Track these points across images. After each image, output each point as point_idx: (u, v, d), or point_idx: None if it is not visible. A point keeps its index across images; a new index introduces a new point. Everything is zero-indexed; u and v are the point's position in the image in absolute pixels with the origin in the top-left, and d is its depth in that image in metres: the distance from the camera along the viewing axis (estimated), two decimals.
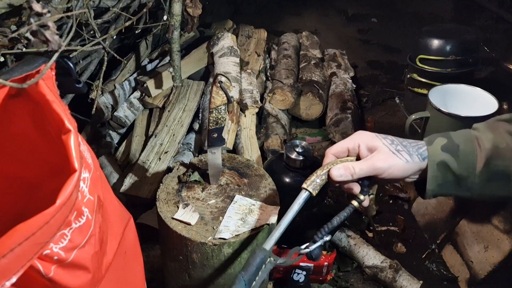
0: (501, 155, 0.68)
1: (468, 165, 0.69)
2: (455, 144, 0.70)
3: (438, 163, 0.70)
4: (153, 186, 1.44)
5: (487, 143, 0.69)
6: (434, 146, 0.71)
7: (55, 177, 0.62)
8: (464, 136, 0.72)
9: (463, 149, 0.70)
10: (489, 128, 0.72)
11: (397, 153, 0.71)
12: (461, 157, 0.69)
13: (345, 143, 0.76)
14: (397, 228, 1.55)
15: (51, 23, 0.53)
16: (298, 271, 1.18)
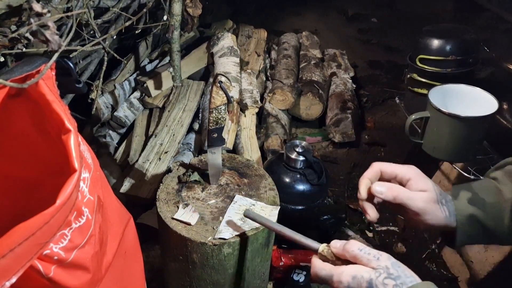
0: None
1: (495, 216, 0.71)
2: (480, 197, 0.72)
3: (467, 216, 0.71)
4: (153, 186, 1.44)
5: (509, 193, 0.70)
6: (460, 200, 0.73)
7: (55, 177, 0.61)
8: (487, 188, 0.73)
9: (489, 202, 0.71)
10: (507, 176, 0.73)
11: (441, 205, 0.72)
12: (488, 209, 0.71)
13: (398, 168, 0.74)
14: (397, 228, 1.55)
15: (51, 23, 0.53)
16: (298, 271, 1.18)
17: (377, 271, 0.59)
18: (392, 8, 3.49)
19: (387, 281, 0.58)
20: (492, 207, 0.71)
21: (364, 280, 0.59)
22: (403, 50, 2.76)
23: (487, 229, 0.71)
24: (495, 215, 0.71)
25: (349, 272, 0.61)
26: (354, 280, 0.60)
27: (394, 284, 0.58)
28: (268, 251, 0.99)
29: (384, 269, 0.59)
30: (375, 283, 0.58)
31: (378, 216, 0.75)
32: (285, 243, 1.28)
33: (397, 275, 0.59)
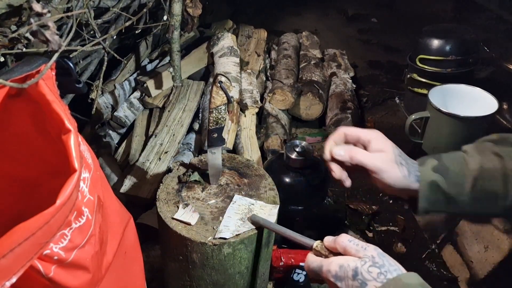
0: (487, 176, 0.73)
1: (457, 185, 0.74)
2: (445, 166, 0.76)
3: (429, 182, 0.75)
4: (153, 186, 1.44)
5: (474, 164, 0.74)
6: (425, 166, 0.77)
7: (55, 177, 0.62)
8: (454, 158, 0.77)
9: (452, 170, 0.75)
10: (477, 149, 0.77)
11: (399, 164, 0.76)
12: (450, 177, 0.74)
13: (360, 132, 0.79)
14: (397, 228, 1.55)
15: (51, 23, 0.53)
16: (298, 271, 1.18)
17: (362, 260, 0.62)
18: (392, 8, 3.49)
19: (372, 269, 0.61)
20: (455, 175, 0.74)
21: (350, 268, 0.62)
22: (403, 50, 2.76)
23: (449, 196, 0.75)
24: (456, 183, 0.74)
25: (337, 262, 0.64)
26: (341, 268, 0.63)
27: (379, 272, 0.60)
28: (268, 251, 0.99)
29: (370, 258, 0.62)
30: (360, 271, 0.61)
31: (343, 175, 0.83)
32: (285, 243, 1.28)
33: (382, 263, 0.62)
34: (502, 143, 0.78)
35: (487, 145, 0.78)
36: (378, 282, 0.60)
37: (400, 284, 0.58)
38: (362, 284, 0.60)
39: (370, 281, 0.60)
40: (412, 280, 0.60)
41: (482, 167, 0.74)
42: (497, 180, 0.73)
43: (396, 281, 0.59)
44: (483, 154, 0.75)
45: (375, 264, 0.61)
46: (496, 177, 0.73)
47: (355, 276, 0.61)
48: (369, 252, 0.63)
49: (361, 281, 0.61)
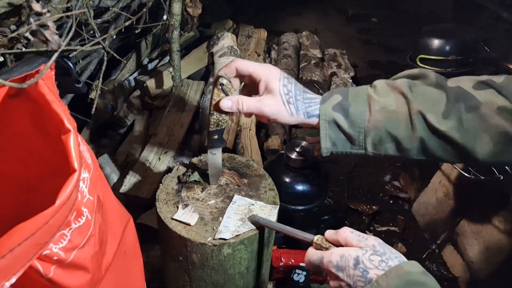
0: (390, 118, 0.71)
1: (358, 125, 0.72)
2: (347, 103, 0.73)
3: (329, 122, 0.73)
4: (152, 186, 1.44)
5: (377, 104, 0.71)
6: (326, 104, 0.74)
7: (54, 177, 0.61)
8: (359, 95, 0.74)
9: (354, 109, 0.72)
10: (387, 88, 0.73)
11: (287, 104, 0.75)
12: (351, 116, 0.72)
13: (251, 68, 0.78)
14: (397, 228, 1.55)
15: (51, 23, 0.53)
16: (299, 271, 1.18)
17: (363, 249, 0.62)
18: (392, 8, 3.49)
19: (373, 257, 0.61)
20: (355, 115, 0.72)
21: (352, 257, 0.62)
22: (403, 50, 2.76)
23: (349, 136, 0.73)
24: (357, 123, 0.72)
25: (338, 252, 0.64)
26: (342, 258, 0.63)
27: (380, 260, 0.60)
28: (268, 252, 0.98)
29: (371, 247, 0.62)
30: (362, 260, 0.61)
31: None
32: (286, 243, 1.27)
33: (383, 251, 0.61)
34: (419, 78, 0.74)
35: (399, 82, 0.73)
36: (380, 269, 0.59)
37: (401, 272, 0.58)
38: (363, 272, 0.60)
39: (372, 269, 0.60)
40: (413, 268, 0.59)
41: (385, 108, 0.71)
42: (400, 123, 0.71)
43: (397, 268, 0.59)
44: (391, 94, 0.72)
45: (376, 253, 0.61)
46: (399, 120, 0.71)
47: (357, 265, 0.61)
48: (370, 242, 0.63)
49: (363, 269, 0.60)
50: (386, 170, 1.85)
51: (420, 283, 0.58)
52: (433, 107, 0.70)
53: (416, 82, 0.74)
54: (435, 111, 0.69)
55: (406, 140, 0.72)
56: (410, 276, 0.58)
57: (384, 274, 0.58)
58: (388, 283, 0.57)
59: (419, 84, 0.73)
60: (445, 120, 0.69)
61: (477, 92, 0.69)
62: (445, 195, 1.45)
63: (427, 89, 0.72)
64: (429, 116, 0.69)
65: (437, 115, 0.69)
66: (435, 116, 0.69)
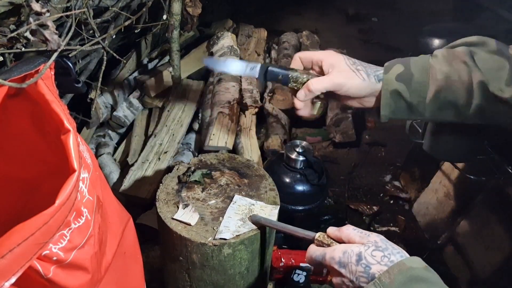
0: (451, 87, 0.72)
1: (420, 94, 0.73)
2: (410, 73, 0.74)
3: (391, 92, 0.74)
4: (152, 186, 1.44)
5: (440, 74, 0.72)
6: (390, 74, 0.76)
7: (54, 177, 0.61)
8: (421, 65, 0.75)
9: (416, 79, 0.73)
10: (448, 57, 0.74)
11: (356, 71, 0.77)
12: (413, 86, 0.73)
13: (312, 55, 0.81)
14: (398, 228, 1.55)
15: (50, 23, 0.53)
16: (299, 272, 1.18)
17: (366, 245, 0.62)
18: (392, 8, 3.49)
19: (375, 253, 0.61)
20: (418, 84, 0.73)
21: (354, 253, 0.62)
22: (403, 50, 2.76)
23: (410, 104, 0.75)
24: (418, 93, 0.74)
25: (340, 249, 0.64)
26: (345, 254, 0.63)
27: (382, 255, 0.60)
28: (268, 252, 0.98)
29: (373, 243, 0.62)
30: (364, 255, 0.61)
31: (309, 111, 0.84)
32: (286, 243, 1.27)
33: (385, 247, 0.62)
34: (479, 45, 0.75)
35: (460, 51, 0.75)
36: (382, 265, 0.59)
37: (404, 268, 0.58)
38: (366, 268, 0.60)
39: (374, 265, 0.60)
40: (416, 263, 0.59)
41: (447, 77, 0.72)
42: (461, 92, 0.72)
43: (400, 265, 0.59)
44: (452, 63, 0.73)
45: (378, 248, 0.61)
46: (460, 88, 0.72)
47: (359, 261, 0.61)
48: (372, 238, 0.63)
49: (365, 265, 0.60)
50: (386, 170, 1.85)
51: (423, 279, 0.58)
52: (496, 75, 0.70)
53: (476, 49, 0.74)
54: (498, 79, 0.70)
55: (465, 107, 0.72)
56: (413, 272, 0.58)
57: (387, 271, 0.58)
58: (391, 279, 0.57)
59: (479, 51, 0.73)
60: (509, 87, 0.69)
61: None
62: (445, 195, 1.45)
63: (488, 57, 0.72)
64: (491, 85, 0.69)
65: (500, 82, 0.69)
66: (498, 84, 0.69)
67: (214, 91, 1.76)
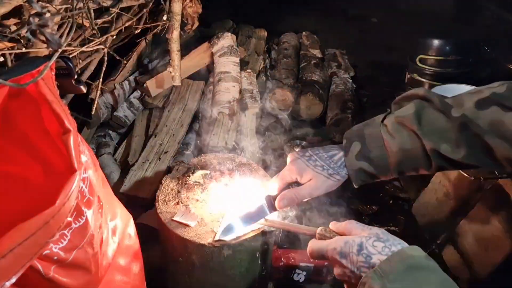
0: (408, 156, 0.76)
1: (383, 167, 0.79)
2: (368, 150, 0.79)
3: (356, 170, 0.80)
4: (153, 186, 1.44)
5: (394, 147, 0.77)
6: (350, 156, 0.80)
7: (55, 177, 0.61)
8: (376, 139, 0.79)
9: (375, 155, 0.78)
10: (397, 125, 0.78)
11: (331, 177, 0.81)
12: (375, 162, 0.78)
13: (284, 179, 0.83)
14: (398, 228, 1.55)
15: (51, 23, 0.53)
16: (298, 272, 1.18)
17: (367, 236, 0.63)
18: (392, 8, 3.49)
19: (376, 243, 0.62)
20: (378, 159, 0.78)
21: (355, 243, 0.63)
22: (403, 50, 2.76)
23: (377, 176, 0.80)
24: (382, 167, 0.78)
25: (342, 239, 0.65)
26: (346, 244, 0.64)
27: (383, 245, 0.62)
28: (268, 252, 0.98)
29: (374, 235, 0.64)
30: (365, 245, 0.62)
31: None
32: (286, 243, 1.27)
33: (386, 238, 0.63)
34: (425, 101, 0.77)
35: (407, 117, 0.77)
36: (383, 255, 0.60)
37: (404, 256, 0.59)
38: (367, 258, 0.61)
39: (375, 255, 0.61)
40: (416, 252, 0.61)
41: (402, 149, 0.76)
42: (418, 158, 0.76)
43: (400, 253, 0.60)
44: (402, 133, 0.76)
45: (379, 239, 0.62)
46: (416, 156, 0.76)
47: (360, 251, 0.62)
48: (373, 230, 0.65)
49: (366, 255, 0.61)
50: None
51: (423, 267, 0.59)
52: (444, 138, 0.73)
53: (423, 108, 0.76)
54: (447, 141, 0.73)
55: (428, 168, 0.77)
56: (413, 260, 0.59)
57: (387, 259, 0.59)
58: (391, 267, 0.58)
59: (426, 111, 0.76)
60: (458, 149, 0.73)
61: (481, 112, 0.71)
62: (445, 195, 1.45)
63: (435, 116, 0.75)
64: (442, 149, 0.73)
65: (451, 144, 0.73)
66: (448, 146, 0.73)
67: (214, 91, 1.76)
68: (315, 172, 0.81)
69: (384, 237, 0.63)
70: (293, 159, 0.84)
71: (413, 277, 0.58)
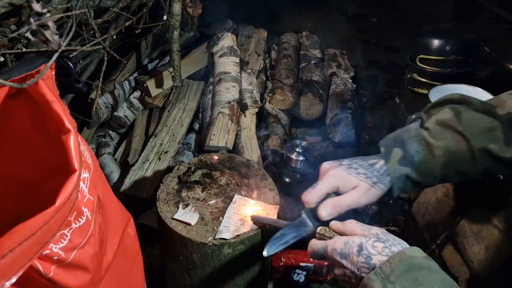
0: (454, 158, 0.74)
1: (427, 173, 0.76)
2: (411, 155, 0.76)
3: (399, 177, 0.76)
4: (153, 186, 1.44)
5: (439, 150, 0.74)
6: (392, 162, 0.76)
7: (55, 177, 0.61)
8: (418, 144, 0.76)
9: (419, 160, 0.75)
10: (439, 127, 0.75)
11: (375, 185, 0.76)
12: (419, 168, 0.75)
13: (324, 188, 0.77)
14: (397, 228, 1.55)
15: (51, 23, 0.53)
16: (298, 271, 1.18)
17: (367, 237, 0.63)
18: (392, 8, 3.49)
19: (377, 244, 0.62)
20: (421, 165, 0.75)
21: (355, 244, 0.62)
22: (403, 50, 2.76)
23: (418, 183, 0.77)
24: (424, 172, 0.75)
25: (342, 240, 0.64)
26: (346, 245, 0.63)
27: (383, 246, 0.61)
28: None
29: (374, 235, 0.63)
30: (365, 246, 0.62)
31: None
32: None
33: (386, 239, 0.62)
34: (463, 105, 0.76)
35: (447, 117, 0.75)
36: (383, 255, 0.60)
37: (404, 257, 0.59)
38: (367, 258, 0.61)
39: (375, 255, 0.61)
40: (416, 252, 0.61)
41: (447, 151, 0.74)
42: (465, 161, 0.74)
43: (400, 254, 0.60)
44: (445, 133, 0.74)
45: (379, 239, 0.62)
46: (463, 158, 0.74)
47: (360, 251, 0.61)
48: (373, 231, 0.64)
49: (366, 255, 0.61)
50: None
51: (424, 267, 0.59)
52: (491, 137, 0.72)
53: (460, 108, 0.75)
54: (495, 141, 0.72)
55: (471, 172, 0.75)
56: (413, 260, 0.59)
57: (387, 260, 0.59)
58: (391, 268, 0.58)
59: (465, 112, 0.75)
60: (508, 147, 0.71)
61: None
62: (445, 195, 1.45)
63: (477, 117, 0.74)
64: (491, 148, 0.71)
65: (499, 143, 0.71)
66: (496, 145, 0.71)
67: (214, 91, 1.76)
68: (358, 180, 0.76)
69: (384, 237, 0.63)
70: (329, 168, 0.79)
71: (413, 278, 0.58)
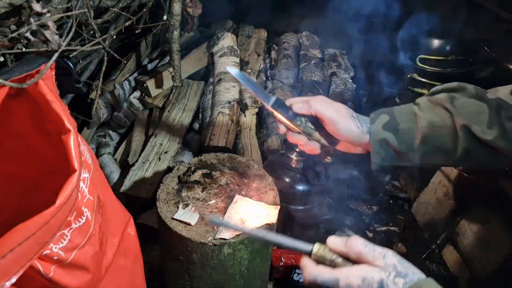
0: (436, 132, 0.74)
1: (407, 142, 0.75)
2: (396, 122, 0.77)
3: (380, 140, 0.76)
4: (153, 186, 1.44)
5: (424, 121, 0.74)
6: (376, 124, 0.78)
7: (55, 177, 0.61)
8: (406, 114, 0.77)
9: (402, 127, 0.76)
10: (430, 104, 0.77)
11: (352, 117, 0.79)
12: (400, 134, 0.76)
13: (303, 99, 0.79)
14: (397, 228, 1.55)
15: (51, 23, 0.53)
16: (298, 271, 1.18)
17: (386, 271, 0.58)
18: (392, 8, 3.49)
19: (397, 280, 0.57)
20: (404, 132, 0.75)
21: (375, 281, 0.57)
22: (403, 50, 2.76)
23: (399, 152, 0.76)
24: (406, 140, 0.75)
25: (358, 274, 0.58)
26: (365, 282, 0.57)
27: (404, 282, 0.57)
28: (268, 251, 0.99)
29: (393, 268, 0.58)
30: (386, 283, 0.57)
31: None
32: None
33: (406, 272, 0.58)
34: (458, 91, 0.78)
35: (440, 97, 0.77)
36: None
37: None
38: None
39: None
40: (431, 285, 0.57)
41: (431, 123, 0.74)
42: (446, 137, 0.74)
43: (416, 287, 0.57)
44: (434, 110, 0.75)
45: (399, 274, 0.58)
46: (445, 134, 0.74)
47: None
48: (389, 261, 0.58)
49: None
50: (386, 170, 1.85)
51: None
52: (477, 119, 0.73)
53: (456, 94, 0.77)
54: (479, 122, 0.72)
55: (452, 151, 0.75)
56: None
57: None
58: None
59: (459, 96, 0.76)
60: (490, 130, 0.72)
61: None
62: (445, 195, 1.45)
63: (468, 101, 0.75)
64: (474, 128, 0.72)
65: (482, 125, 0.72)
66: (479, 127, 0.72)
67: (214, 91, 1.76)
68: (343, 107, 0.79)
69: (403, 272, 0.58)
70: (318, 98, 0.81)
71: None
